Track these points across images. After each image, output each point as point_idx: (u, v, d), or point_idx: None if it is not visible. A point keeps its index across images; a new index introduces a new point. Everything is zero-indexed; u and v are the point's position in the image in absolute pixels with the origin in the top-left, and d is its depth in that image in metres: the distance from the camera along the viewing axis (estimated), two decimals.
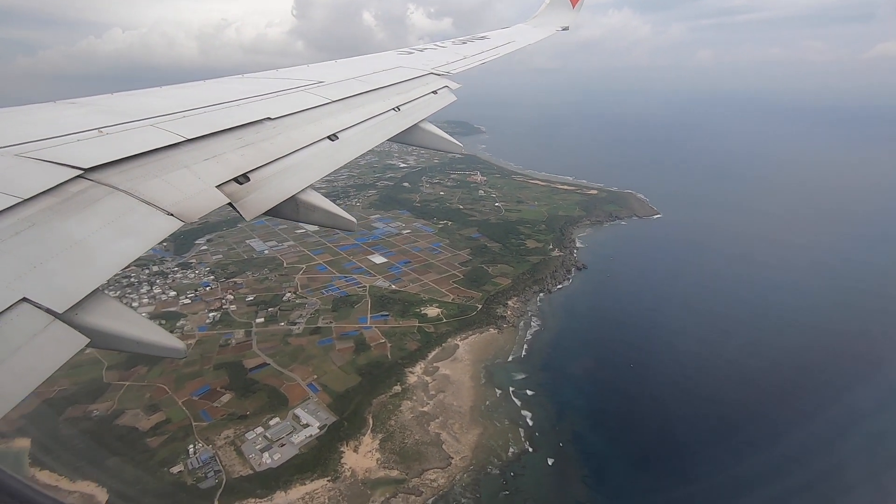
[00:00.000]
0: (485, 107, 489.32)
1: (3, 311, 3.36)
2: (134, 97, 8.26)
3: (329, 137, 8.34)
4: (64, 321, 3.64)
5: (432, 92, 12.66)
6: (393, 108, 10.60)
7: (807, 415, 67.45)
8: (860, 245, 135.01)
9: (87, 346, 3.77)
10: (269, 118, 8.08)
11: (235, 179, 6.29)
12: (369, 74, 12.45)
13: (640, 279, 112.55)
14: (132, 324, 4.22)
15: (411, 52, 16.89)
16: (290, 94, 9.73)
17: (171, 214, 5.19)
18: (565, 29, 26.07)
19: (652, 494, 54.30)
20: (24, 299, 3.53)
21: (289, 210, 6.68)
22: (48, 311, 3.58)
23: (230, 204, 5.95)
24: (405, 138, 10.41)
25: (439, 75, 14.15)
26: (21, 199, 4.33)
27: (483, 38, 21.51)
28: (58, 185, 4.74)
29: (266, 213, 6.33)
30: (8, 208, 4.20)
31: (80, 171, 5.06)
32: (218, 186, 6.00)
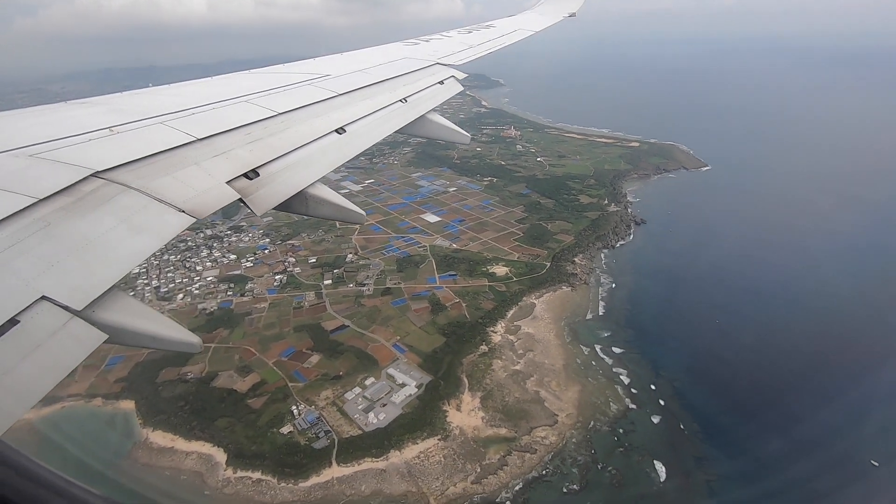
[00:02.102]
0: (498, 57, 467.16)
1: (23, 310, 3.46)
2: (142, 96, 8.42)
3: (337, 131, 8.29)
4: (82, 318, 3.72)
5: (439, 82, 12.56)
6: (400, 100, 10.52)
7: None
8: None
9: (104, 342, 3.79)
10: (276, 113, 8.07)
11: (245, 175, 6.33)
12: (375, 66, 12.46)
13: (703, 234, 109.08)
14: (149, 320, 4.26)
15: (417, 43, 16.94)
16: (296, 88, 9.76)
17: (183, 211, 5.22)
18: (572, 15, 25.91)
19: (765, 448, 53.76)
20: (44, 297, 3.63)
21: (298, 204, 6.70)
22: (66, 308, 3.68)
23: (240, 199, 5.95)
24: (413, 129, 10.35)
25: (445, 65, 14.13)
26: (36, 199, 4.43)
27: (489, 26, 21.56)
28: (71, 185, 4.80)
29: (276, 208, 6.37)
30: (24, 208, 4.28)
31: (93, 171, 5.11)
32: (228, 182, 6.05)
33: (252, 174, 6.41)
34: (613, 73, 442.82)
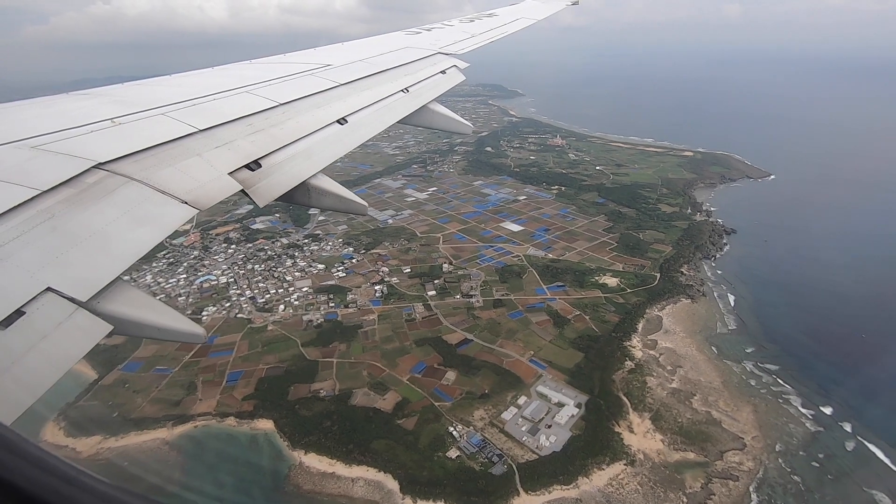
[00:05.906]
0: (511, 67, 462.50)
1: (29, 301, 3.41)
2: (144, 87, 8.35)
3: (338, 121, 8.20)
4: (87, 309, 3.66)
5: (441, 72, 12.38)
6: (401, 90, 10.41)
7: None
8: None
9: (110, 333, 3.75)
10: (278, 103, 7.98)
11: (247, 166, 6.23)
12: (377, 56, 12.23)
13: (801, 243, 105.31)
14: (154, 311, 4.21)
15: (419, 32, 16.74)
16: (298, 78, 9.64)
17: (186, 202, 5.17)
18: (575, 3, 25.91)
19: None
20: (49, 289, 3.57)
21: (301, 195, 6.64)
22: (72, 299, 3.62)
23: (243, 191, 5.89)
24: (414, 120, 10.12)
25: (447, 55, 13.88)
26: (40, 191, 4.38)
27: (491, 14, 21.39)
28: (74, 177, 4.76)
29: (278, 199, 6.29)
30: (28, 200, 4.23)
31: (96, 162, 5.06)
32: (230, 174, 5.97)
33: (254, 165, 6.29)
34: (632, 82, 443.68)
